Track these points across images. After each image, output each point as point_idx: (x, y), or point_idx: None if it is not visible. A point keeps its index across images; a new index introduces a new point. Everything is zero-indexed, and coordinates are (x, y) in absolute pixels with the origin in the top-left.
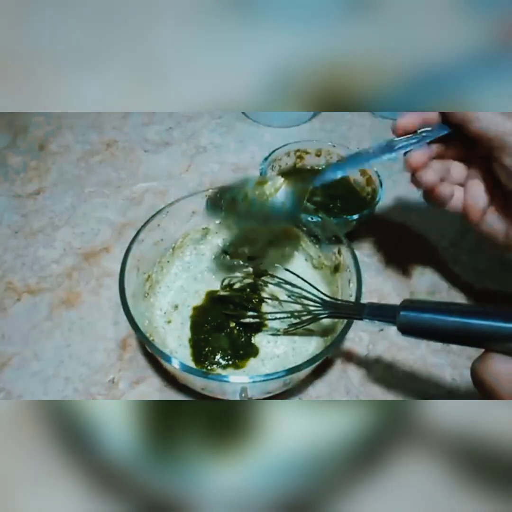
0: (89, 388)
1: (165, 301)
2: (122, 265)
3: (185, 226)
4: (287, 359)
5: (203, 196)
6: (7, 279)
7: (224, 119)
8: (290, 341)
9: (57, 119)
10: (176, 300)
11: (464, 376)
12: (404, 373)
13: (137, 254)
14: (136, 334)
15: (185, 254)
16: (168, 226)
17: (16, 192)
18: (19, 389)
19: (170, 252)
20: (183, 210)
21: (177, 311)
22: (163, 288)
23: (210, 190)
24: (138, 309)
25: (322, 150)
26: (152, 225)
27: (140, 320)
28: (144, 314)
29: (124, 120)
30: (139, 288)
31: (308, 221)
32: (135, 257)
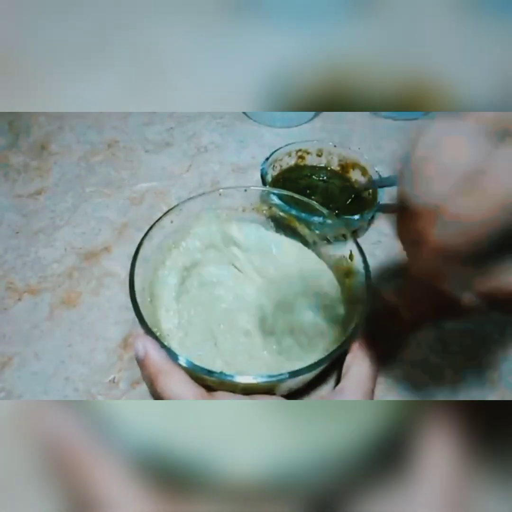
0: (89, 388)
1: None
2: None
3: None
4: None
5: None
6: (8, 279)
7: (225, 119)
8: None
9: (58, 119)
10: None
11: (465, 376)
12: (404, 373)
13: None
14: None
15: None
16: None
17: (17, 192)
18: (19, 389)
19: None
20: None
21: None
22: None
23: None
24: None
25: (323, 150)
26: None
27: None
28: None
29: (125, 120)
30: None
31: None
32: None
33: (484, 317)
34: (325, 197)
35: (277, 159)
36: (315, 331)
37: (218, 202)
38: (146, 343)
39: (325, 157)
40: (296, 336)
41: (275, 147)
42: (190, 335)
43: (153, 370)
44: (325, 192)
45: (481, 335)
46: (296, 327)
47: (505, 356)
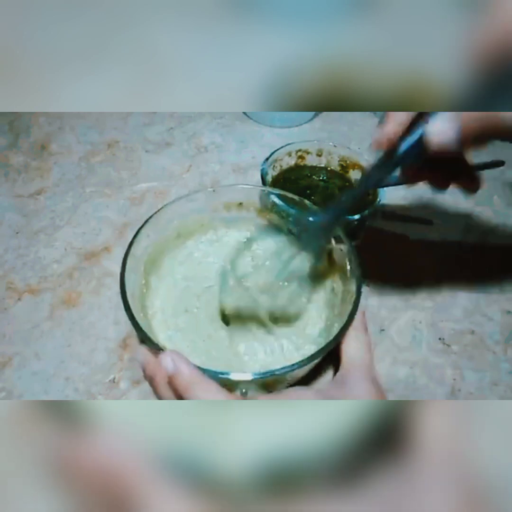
0: (89, 388)
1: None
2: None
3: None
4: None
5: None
6: (8, 279)
7: (225, 119)
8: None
9: (59, 119)
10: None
11: (465, 376)
12: (404, 373)
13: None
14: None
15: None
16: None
17: (17, 192)
18: (20, 389)
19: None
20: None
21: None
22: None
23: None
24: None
25: (323, 150)
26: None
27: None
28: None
29: (125, 120)
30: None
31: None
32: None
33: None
34: (325, 197)
35: (277, 159)
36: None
37: (213, 200)
38: (174, 357)
39: (325, 157)
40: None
41: (275, 147)
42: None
43: (184, 382)
44: (325, 192)
45: (481, 335)
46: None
47: (505, 356)
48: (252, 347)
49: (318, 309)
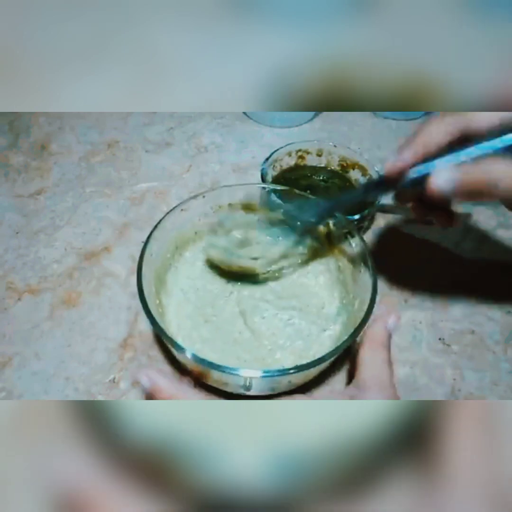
0: (89, 388)
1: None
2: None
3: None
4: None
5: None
6: (8, 279)
7: (225, 119)
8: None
9: (59, 119)
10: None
11: (465, 376)
12: (404, 373)
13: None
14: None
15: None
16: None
17: (17, 192)
18: (20, 389)
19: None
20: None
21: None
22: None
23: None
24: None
25: (323, 150)
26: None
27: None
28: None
29: (125, 120)
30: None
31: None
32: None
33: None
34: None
35: (277, 159)
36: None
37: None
38: (150, 373)
39: (325, 157)
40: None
41: (275, 147)
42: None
43: (166, 396)
44: (325, 192)
45: (481, 335)
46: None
47: (505, 356)
48: (277, 342)
49: (328, 288)
